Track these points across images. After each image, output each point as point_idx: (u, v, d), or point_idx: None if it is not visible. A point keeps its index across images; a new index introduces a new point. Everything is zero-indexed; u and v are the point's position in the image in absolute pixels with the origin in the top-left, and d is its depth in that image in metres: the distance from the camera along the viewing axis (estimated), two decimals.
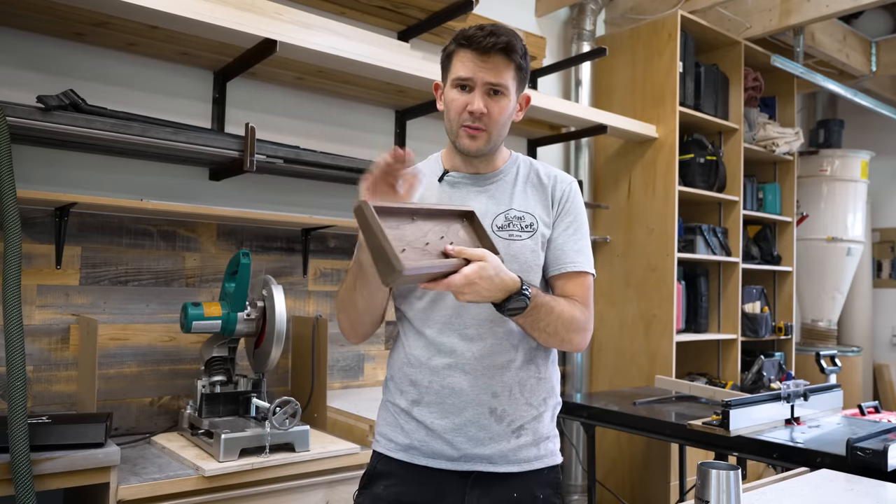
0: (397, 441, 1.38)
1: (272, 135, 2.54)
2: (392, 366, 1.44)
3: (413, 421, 1.36)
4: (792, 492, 1.54)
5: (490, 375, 1.34)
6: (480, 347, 1.34)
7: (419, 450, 1.35)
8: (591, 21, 3.63)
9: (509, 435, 1.35)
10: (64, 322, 2.16)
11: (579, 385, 3.55)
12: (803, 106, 5.32)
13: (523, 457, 1.36)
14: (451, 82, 1.36)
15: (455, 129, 1.37)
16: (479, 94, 1.33)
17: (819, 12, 3.46)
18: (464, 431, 1.33)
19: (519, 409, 1.36)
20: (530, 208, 1.42)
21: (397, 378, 1.41)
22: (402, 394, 1.39)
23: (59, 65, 2.17)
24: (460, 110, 1.34)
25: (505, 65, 1.33)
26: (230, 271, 2.20)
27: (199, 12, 1.99)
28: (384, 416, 1.44)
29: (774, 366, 3.76)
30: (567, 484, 3.52)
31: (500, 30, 1.34)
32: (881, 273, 5.54)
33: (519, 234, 1.39)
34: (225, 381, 2.15)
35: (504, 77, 1.33)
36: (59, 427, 1.73)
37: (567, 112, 3.09)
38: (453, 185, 1.43)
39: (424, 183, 1.40)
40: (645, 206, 3.46)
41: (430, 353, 1.36)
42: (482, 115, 1.33)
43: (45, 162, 2.13)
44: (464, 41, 1.33)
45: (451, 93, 1.36)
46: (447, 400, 1.34)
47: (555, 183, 1.45)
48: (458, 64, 1.35)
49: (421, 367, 1.37)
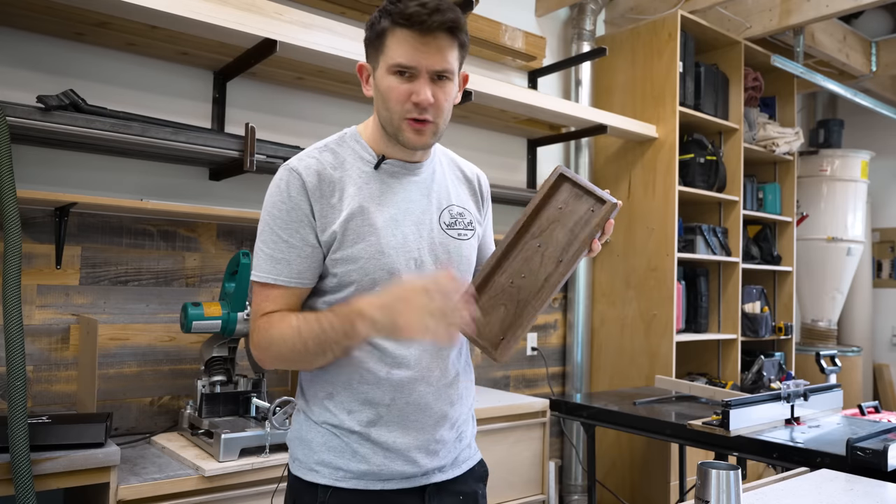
0: (349, 469, 1.20)
1: (272, 135, 2.54)
2: (328, 380, 1.23)
3: (369, 443, 1.20)
4: (792, 492, 1.54)
5: (449, 384, 1.26)
6: (440, 356, 1.24)
7: (377, 475, 1.21)
8: (591, 21, 3.63)
9: (455, 441, 1.30)
10: (64, 322, 2.16)
11: (579, 385, 3.55)
12: (803, 106, 5.32)
13: (462, 458, 1.33)
14: (387, 67, 1.17)
15: (396, 122, 1.18)
16: (424, 81, 1.16)
17: (819, 12, 3.46)
18: (424, 447, 1.23)
19: (462, 413, 1.31)
20: (465, 203, 1.34)
21: (341, 398, 1.21)
22: (352, 414, 1.21)
23: (59, 65, 2.17)
24: (402, 100, 1.16)
25: (449, 45, 1.16)
26: (230, 271, 2.20)
27: (199, 12, 1.99)
28: (326, 442, 1.22)
29: (774, 366, 3.76)
30: (567, 484, 3.52)
31: (444, 6, 1.15)
32: (881, 273, 5.53)
33: (465, 232, 1.31)
34: (225, 381, 2.15)
35: (449, 60, 1.17)
36: (59, 427, 1.73)
37: (567, 112, 3.09)
38: (392, 175, 1.25)
39: (353, 173, 1.23)
40: (645, 206, 3.46)
41: (387, 367, 1.20)
42: (429, 105, 1.16)
43: (45, 162, 2.13)
44: (402, 20, 1.13)
45: (387, 80, 1.17)
46: (411, 416, 1.21)
47: (479, 180, 1.40)
48: (394, 46, 1.15)
49: (379, 383, 1.20)
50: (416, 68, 1.15)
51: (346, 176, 1.22)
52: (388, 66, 1.17)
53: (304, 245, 1.18)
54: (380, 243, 1.20)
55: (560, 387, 3.62)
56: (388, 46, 1.16)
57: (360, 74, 1.26)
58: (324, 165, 1.21)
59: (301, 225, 1.18)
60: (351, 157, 1.24)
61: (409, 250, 1.23)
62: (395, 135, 1.20)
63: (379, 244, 1.20)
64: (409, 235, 1.23)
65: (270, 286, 1.18)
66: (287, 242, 1.18)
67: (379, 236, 1.20)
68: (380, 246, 1.20)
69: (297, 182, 1.19)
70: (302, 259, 1.18)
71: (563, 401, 2.80)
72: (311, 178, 1.19)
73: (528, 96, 2.92)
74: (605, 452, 3.49)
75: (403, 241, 1.22)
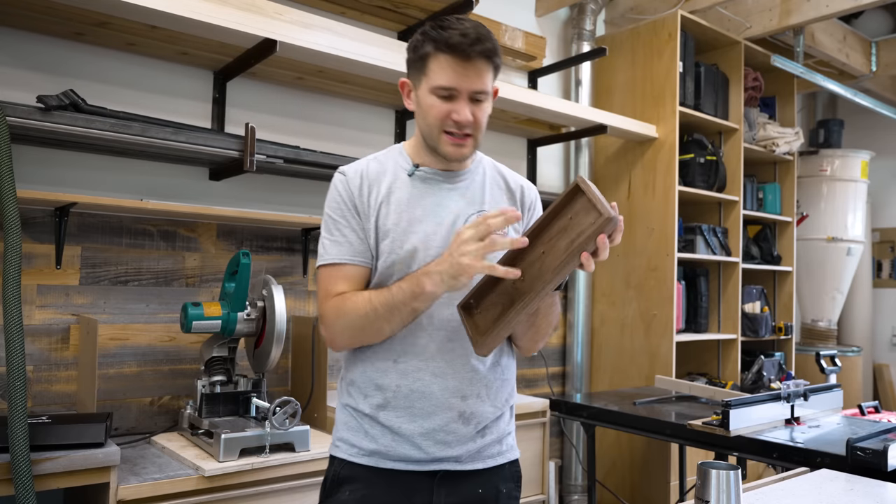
0: (361, 446, 1.34)
1: (272, 135, 2.54)
2: (352, 368, 1.38)
3: (378, 426, 1.33)
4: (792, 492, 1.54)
5: (459, 378, 1.32)
6: (451, 349, 1.32)
7: (385, 454, 1.32)
8: (591, 21, 3.63)
9: (475, 436, 1.35)
10: (64, 322, 2.16)
11: (579, 385, 3.55)
12: (803, 106, 5.32)
13: (488, 454, 1.37)
14: (429, 88, 1.30)
15: (436, 135, 1.32)
16: (464, 102, 1.29)
17: (819, 12, 3.46)
18: (432, 436, 1.31)
19: (485, 411, 1.35)
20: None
21: (360, 382, 1.36)
22: (367, 398, 1.34)
23: (59, 65, 2.17)
24: (443, 117, 1.30)
25: (487, 70, 1.30)
26: (230, 271, 2.20)
27: (199, 12, 1.99)
28: (345, 421, 1.38)
29: (774, 366, 3.76)
30: (567, 484, 3.52)
31: (483, 34, 1.28)
32: (881, 273, 5.53)
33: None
34: (225, 381, 2.15)
35: (486, 82, 1.30)
36: (59, 427, 1.73)
37: (567, 112, 3.09)
38: (424, 181, 1.38)
39: (389, 178, 1.37)
40: (645, 206, 3.46)
41: (397, 355, 1.32)
42: (469, 123, 1.30)
43: (45, 162, 2.13)
44: (445, 48, 1.27)
45: (429, 98, 1.30)
46: (416, 404, 1.31)
47: (523, 191, 1.47)
48: (437, 70, 1.28)
49: (388, 370, 1.33)
50: (456, 90, 1.28)
51: (384, 180, 1.37)
52: (430, 87, 1.30)
53: (358, 229, 1.34)
54: (400, 240, 1.32)
55: (560, 387, 3.62)
56: (431, 69, 1.29)
57: (402, 90, 1.40)
58: (368, 170, 1.38)
59: (351, 214, 1.35)
60: (392, 166, 1.40)
61: (428, 248, 1.32)
62: (435, 146, 1.34)
63: (399, 240, 1.32)
64: (430, 233, 1.33)
65: (337, 266, 1.34)
66: (342, 230, 1.35)
67: (399, 233, 1.32)
68: (400, 242, 1.32)
69: (344, 182, 1.37)
70: (359, 241, 1.34)
71: (563, 401, 2.80)
72: (355, 179, 1.37)
73: (528, 96, 2.92)
74: (605, 452, 3.49)
75: (424, 238, 1.33)
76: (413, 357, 1.32)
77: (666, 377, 3.16)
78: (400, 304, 1.24)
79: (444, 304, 1.31)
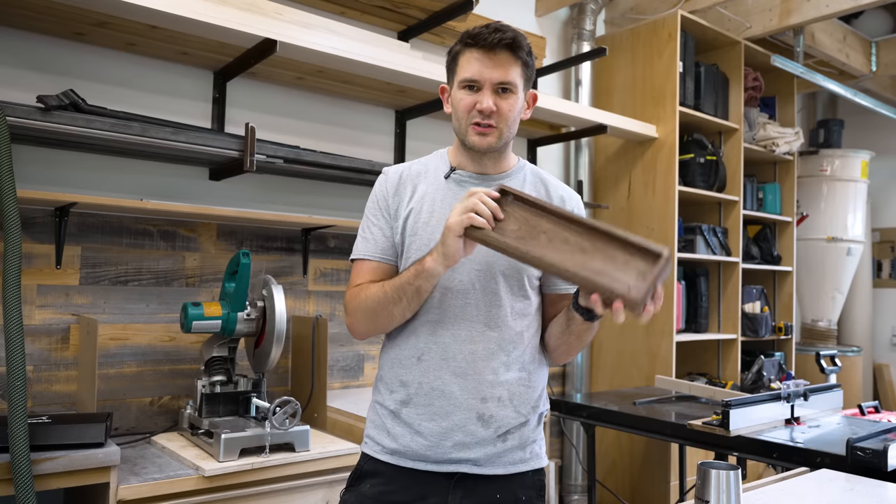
0: (383, 444, 1.38)
1: (272, 135, 2.54)
2: (383, 365, 1.43)
3: (400, 423, 1.36)
4: (792, 492, 1.54)
5: (480, 380, 1.33)
6: (472, 351, 1.34)
7: (404, 454, 1.36)
8: (591, 21, 3.63)
9: (495, 440, 1.34)
10: (64, 322, 2.16)
11: (579, 385, 3.55)
12: (803, 106, 5.32)
13: (509, 459, 1.37)
14: (457, 83, 1.36)
15: (464, 128, 1.36)
16: (487, 92, 1.33)
17: (819, 12, 3.46)
18: (450, 436, 1.33)
19: (507, 415, 1.35)
20: None
21: (387, 378, 1.40)
22: (392, 394, 1.38)
23: (59, 65, 2.17)
24: (469, 109, 1.34)
25: (511, 62, 1.33)
26: (230, 271, 2.20)
27: (199, 12, 1.99)
28: (372, 418, 1.44)
29: (774, 366, 3.76)
30: (567, 484, 3.52)
31: (506, 27, 1.34)
32: (881, 273, 5.53)
33: None
34: (225, 380, 2.15)
35: (511, 74, 1.33)
36: (59, 427, 1.73)
37: (567, 112, 3.09)
38: (459, 183, 1.42)
39: (428, 178, 1.42)
40: (645, 206, 3.46)
41: (420, 352, 1.36)
42: (492, 112, 1.33)
43: (45, 162, 2.13)
44: (469, 40, 1.34)
45: (458, 93, 1.36)
46: (435, 402, 1.33)
47: (563, 201, 1.45)
48: (464, 64, 1.35)
49: (411, 367, 1.36)
50: (480, 81, 1.33)
51: (423, 181, 1.42)
52: (458, 82, 1.36)
53: (385, 228, 1.41)
54: (427, 237, 1.36)
55: (560, 387, 3.62)
56: (460, 65, 1.37)
57: (442, 95, 1.46)
58: (409, 171, 1.45)
59: (382, 214, 1.42)
60: (434, 168, 1.45)
61: None
62: (464, 140, 1.38)
63: (427, 238, 1.36)
64: None
65: (361, 261, 1.42)
66: (371, 228, 1.42)
67: (429, 232, 1.36)
68: (427, 241, 1.35)
69: (382, 181, 1.45)
70: (384, 239, 1.41)
71: (563, 401, 2.80)
72: (394, 178, 1.44)
73: None
74: (605, 452, 3.49)
75: None
76: (436, 356, 1.34)
77: (666, 377, 3.16)
78: (405, 283, 1.29)
79: (471, 303, 1.33)
